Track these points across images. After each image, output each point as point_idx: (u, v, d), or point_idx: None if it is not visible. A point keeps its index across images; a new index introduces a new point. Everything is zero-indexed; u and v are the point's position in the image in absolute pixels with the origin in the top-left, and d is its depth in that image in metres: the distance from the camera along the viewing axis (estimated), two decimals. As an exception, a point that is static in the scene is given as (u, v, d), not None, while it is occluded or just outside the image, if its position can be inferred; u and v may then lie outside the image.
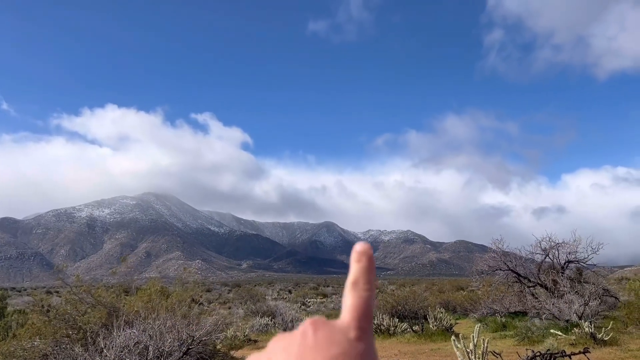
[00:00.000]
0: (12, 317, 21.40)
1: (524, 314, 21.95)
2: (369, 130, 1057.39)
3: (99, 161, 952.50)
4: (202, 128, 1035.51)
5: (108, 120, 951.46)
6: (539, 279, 22.74)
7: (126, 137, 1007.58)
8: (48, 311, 13.10)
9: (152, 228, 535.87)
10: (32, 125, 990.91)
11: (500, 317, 21.59)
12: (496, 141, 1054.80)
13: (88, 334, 10.35)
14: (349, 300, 0.86)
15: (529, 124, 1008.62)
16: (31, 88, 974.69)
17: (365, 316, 0.87)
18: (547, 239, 23.61)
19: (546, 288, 21.88)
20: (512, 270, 23.68)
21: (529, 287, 23.33)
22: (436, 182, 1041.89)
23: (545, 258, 23.67)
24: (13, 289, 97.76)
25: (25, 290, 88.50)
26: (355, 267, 0.85)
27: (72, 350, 8.95)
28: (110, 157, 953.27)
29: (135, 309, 12.27)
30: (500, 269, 24.04)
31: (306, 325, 0.88)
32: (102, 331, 9.86)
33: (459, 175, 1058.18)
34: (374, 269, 0.85)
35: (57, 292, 36.96)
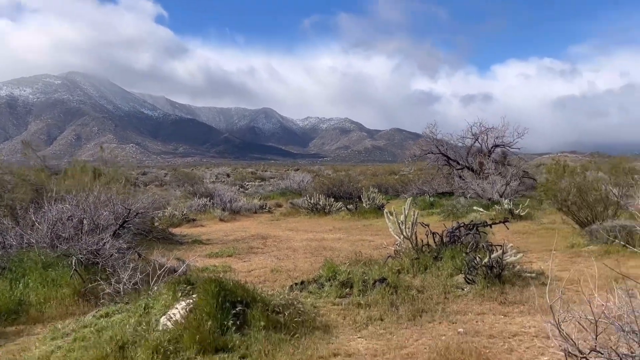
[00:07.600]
0: None
1: (450, 194, 23.37)
2: (296, 9, 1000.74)
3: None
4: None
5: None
6: (467, 161, 23.99)
7: (21, 5, 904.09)
8: (-29, 188, 12.49)
9: (81, 110, 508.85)
10: None
11: (429, 197, 22.87)
12: (426, 26, 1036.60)
13: (18, 210, 10.01)
14: None
15: (459, 9, 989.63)
16: None
17: None
18: (478, 124, 24.58)
19: (473, 170, 23.20)
20: (442, 153, 24.76)
21: (457, 169, 24.63)
22: (368, 67, 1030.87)
23: (474, 142, 24.82)
24: None
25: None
26: None
27: (2, 224, 8.67)
28: (9, 30, 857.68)
29: (66, 187, 11.92)
30: (432, 152, 25.07)
31: None
32: (31, 206, 9.56)
33: (389, 61, 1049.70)
34: None
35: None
